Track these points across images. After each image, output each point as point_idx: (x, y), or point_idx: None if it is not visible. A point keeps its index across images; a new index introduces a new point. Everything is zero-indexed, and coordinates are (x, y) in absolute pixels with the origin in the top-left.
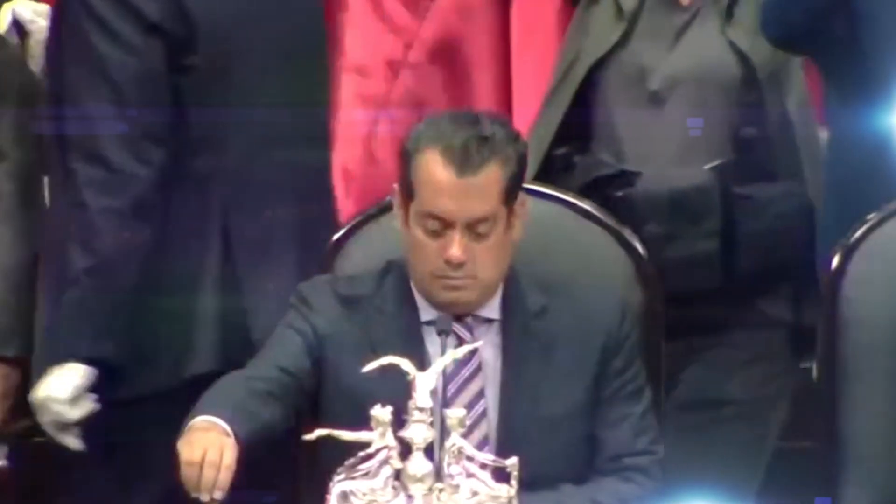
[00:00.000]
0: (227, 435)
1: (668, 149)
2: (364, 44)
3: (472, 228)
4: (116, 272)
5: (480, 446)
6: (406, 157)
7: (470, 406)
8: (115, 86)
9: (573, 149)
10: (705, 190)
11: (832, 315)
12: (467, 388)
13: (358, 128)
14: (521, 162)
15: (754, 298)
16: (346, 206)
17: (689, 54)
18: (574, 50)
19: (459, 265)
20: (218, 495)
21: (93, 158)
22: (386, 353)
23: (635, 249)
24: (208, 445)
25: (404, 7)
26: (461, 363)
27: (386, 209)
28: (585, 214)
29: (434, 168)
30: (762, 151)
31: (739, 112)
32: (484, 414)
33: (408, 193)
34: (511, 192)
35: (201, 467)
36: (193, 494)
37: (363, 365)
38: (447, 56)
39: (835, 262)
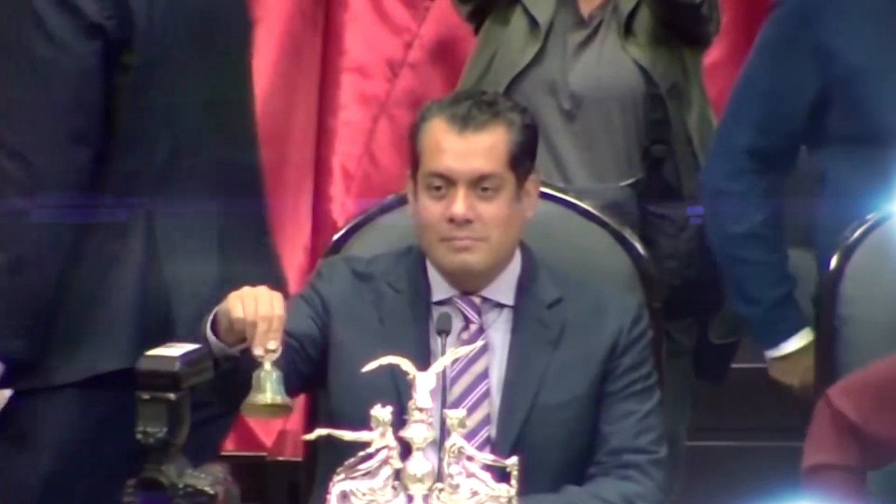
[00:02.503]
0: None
1: (580, 166)
2: (364, 44)
3: (476, 187)
4: (32, 272)
5: (481, 426)
6: (413, 131)
7: (474, 385)
8: (46, 85)
9: None
10: (624, 207)
11: (831, 314)
12: (471, 369)
13: (358, 128)
14: (529, 132)
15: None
16: (346, 206)
17: (589, 71)
18: (482, 65)
19: (465, 223)
20: (272, 346)
21: (14, 156)
22: (393, 328)
23: (635, 249)
24: (259, 296)
25: (404, 7)
26: (467, 341)
27: (386, 209)
28: (586, 214)
29: (437, 132)
30: (670, 169)
31: (647, 129)
32: (487, 394)
33: (415, 165)
34: (518, 159)
35: (253, 323)
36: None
37: (369, 338)
38: (447, 56)
39: (833, 261)
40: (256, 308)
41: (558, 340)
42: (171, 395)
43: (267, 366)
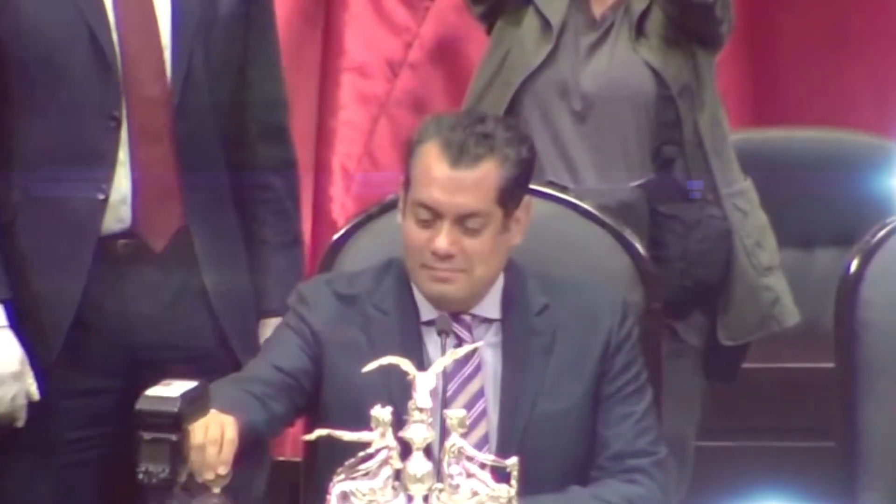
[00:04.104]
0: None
1: (590, 166)
2: (364, 44)
3: (462, 223)
4: None
5: (480, 446)
6: (409, 149)
7: (470, 405)
8: None
9: None
10: (632, 207)
11: (850, 317)
12: (467, 388)
13: (358, 128)
14: (524, 166)
15: (673, 322)
16: (345, 206)
17: (601, 72)
18: (493, 66)
19: (446, 257)
20: (222, 471)
21: None
22: (385, 353)
23: (635, 249)
24: (209, 423)
25: (404, 7)
26: (461, 362)
27: (386, 209)
28: (585, 214)
29: (430, 159)
30: (680, 170)
31: (658, 130)
32: (484, 413)
33: (406, 184)
34: (509, 194)
35: (201, 447)
36: (199, 478)
37: (362, 363)
38: (447, 56)
39: (853, 264)
40: (206, 431)
41: (551, 346)
42: (173, 436)
43: (216, 491)
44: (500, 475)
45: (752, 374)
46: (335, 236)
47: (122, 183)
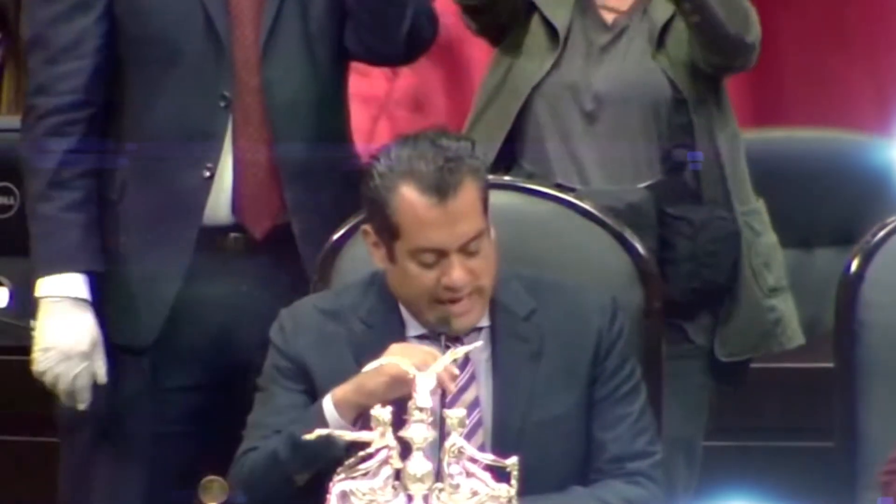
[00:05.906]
0: None
1: (599, 167)
2: None
3: (465, 249)
4: None
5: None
6: (379, 199)
7: (466, 416)
8: None
9: (502, 165)
10: (640, 208)
11: (850, 317)
12: (462, 398)
13: (358, 128)
14: (485, 166)
15: (681, 324)
16: None
17: (613, 73)
18: (502, 71)
19: (462, 287)
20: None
21: None
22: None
23: (635, 249)
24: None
25: None
26: (458, 371)
27: None
28: (585, 214)
29: (414, 203)
30: (691, 175)
31: (670, 132)
32: (480, 423)
33: (391, 234)
34: (486, 199)
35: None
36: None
37: (348, 378)
38: (447, 56)
39: (853, 265)
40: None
41: (540, 352)
42: None
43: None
44: (500, 475)
45: (751, 373)
46: (334, 236)
47: (226, 167)
